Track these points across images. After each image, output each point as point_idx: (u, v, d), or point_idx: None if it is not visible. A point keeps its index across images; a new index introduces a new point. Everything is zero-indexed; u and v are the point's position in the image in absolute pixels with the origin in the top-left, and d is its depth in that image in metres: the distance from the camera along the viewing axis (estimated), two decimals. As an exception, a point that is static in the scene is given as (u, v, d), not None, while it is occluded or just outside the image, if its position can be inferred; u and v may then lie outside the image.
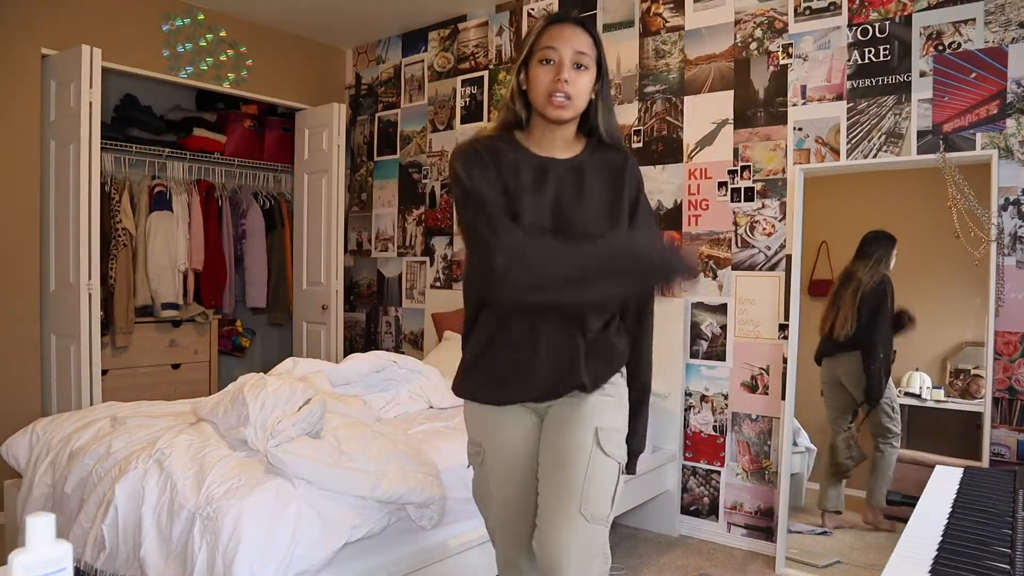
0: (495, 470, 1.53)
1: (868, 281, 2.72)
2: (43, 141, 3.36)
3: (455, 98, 4.12)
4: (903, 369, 2.70)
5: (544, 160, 1.48)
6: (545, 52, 1.43)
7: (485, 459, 1.55)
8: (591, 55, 1.45)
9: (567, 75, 1.41)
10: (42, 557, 0.74)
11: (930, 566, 1.00)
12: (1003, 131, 2.50)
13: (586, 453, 1.42)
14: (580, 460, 1.42)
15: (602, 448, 1.42)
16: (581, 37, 1.44)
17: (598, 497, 1.41)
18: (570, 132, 1.51)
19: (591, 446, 1.42)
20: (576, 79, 1.42)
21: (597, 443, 1.42)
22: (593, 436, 1.43)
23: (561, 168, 1.48)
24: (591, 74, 1.46)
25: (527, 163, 1.47)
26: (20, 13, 3.28)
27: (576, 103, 1.44)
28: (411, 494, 1.92)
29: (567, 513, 1.39)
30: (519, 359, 1.45)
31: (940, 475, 1.55)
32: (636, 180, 1.53)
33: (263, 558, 1.64)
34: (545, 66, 1.43)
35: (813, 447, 2.93)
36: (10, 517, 2.48)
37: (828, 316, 2.84)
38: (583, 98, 1.45)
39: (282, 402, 1.96)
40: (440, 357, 3.47)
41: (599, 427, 1.44)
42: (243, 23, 4.09)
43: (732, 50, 3.11)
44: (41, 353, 3.37)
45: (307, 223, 4.37)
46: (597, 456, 1.42)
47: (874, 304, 2.70)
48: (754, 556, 2.95)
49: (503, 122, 1.53)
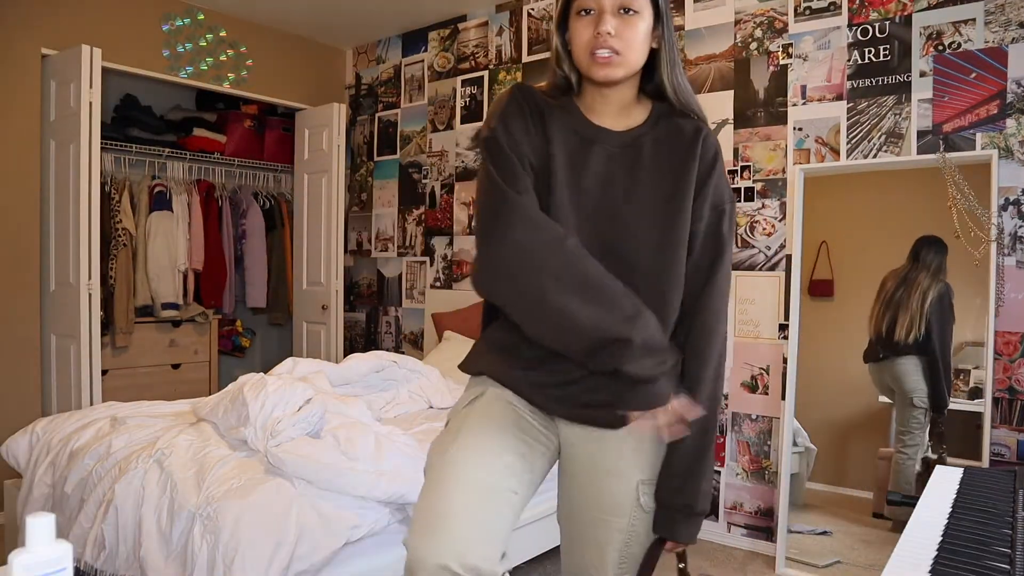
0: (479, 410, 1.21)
1: (934, 288, 2.69)
2: (43, 141, 3.36)
3: (455, 98, 4.12)
4: (903, 369, 2.70)
5: (595, 131, 1.22)
6: (581, 2, 1.18)
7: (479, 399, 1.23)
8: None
9: (610, 26, 1.14)
10: (42, 557, 0.74)
11: (930, 566, 1.00)
12: (1003, 131, 2.50)
13: (626, 511, 1.19)
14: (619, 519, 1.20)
15: (643, 506, 1.19)
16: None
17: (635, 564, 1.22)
18: (628, 96, 1.24)
19: (633, 502, 1.19)
20: (624, 28, 1.16)
21: (638, 500, 1.19)
22: (635, 490, 1.19)
23: (614, 143, 1.21)
24: (645, 19, 1.18)
25: (574, 131, 1.22)
26: (20, 13, 3.28)
27: (627, 57, 1.17)
28: (411, 494, 1.93)
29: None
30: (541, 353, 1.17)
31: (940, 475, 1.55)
32: (708, 164, 1.21)
33: (263, 558, 1.64)
34: (584, 17, 1.17)
35: (813, 447, 2.93)
36: (10, 517, 2.48)
37: (882, 318, 2.79)
38: (636, 51, 1.18)
39: (282, 402, 1.97)
40: (440, 357, 3.47)
41: (642, 480, 1.19)
42: (243, 23, 4.09)
43: (732, 50, 3.11)
44: (41, 353, 3.37)
45: (307, 223, 4.37)
46: (638, 515, 1.20)
47: (940, 312, 2.68)
48: (754, 556, 2.95)
49: (551, 85, 1.28)
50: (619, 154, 1.21)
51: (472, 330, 3.59)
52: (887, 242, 2.76)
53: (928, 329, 2.68)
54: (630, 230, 1.17)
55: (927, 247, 2.70)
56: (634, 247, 1.17)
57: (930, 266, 2.68)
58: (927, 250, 2.71)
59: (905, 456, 2.68)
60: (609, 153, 1.21)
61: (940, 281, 2.66)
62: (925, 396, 2.66)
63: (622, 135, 1.22)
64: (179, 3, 3.81)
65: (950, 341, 2.64)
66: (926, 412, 2.65)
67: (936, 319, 2.67)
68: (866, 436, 2.79)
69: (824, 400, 2.94)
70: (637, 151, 1.21)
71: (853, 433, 2.82)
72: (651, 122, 1.24)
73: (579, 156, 1.20)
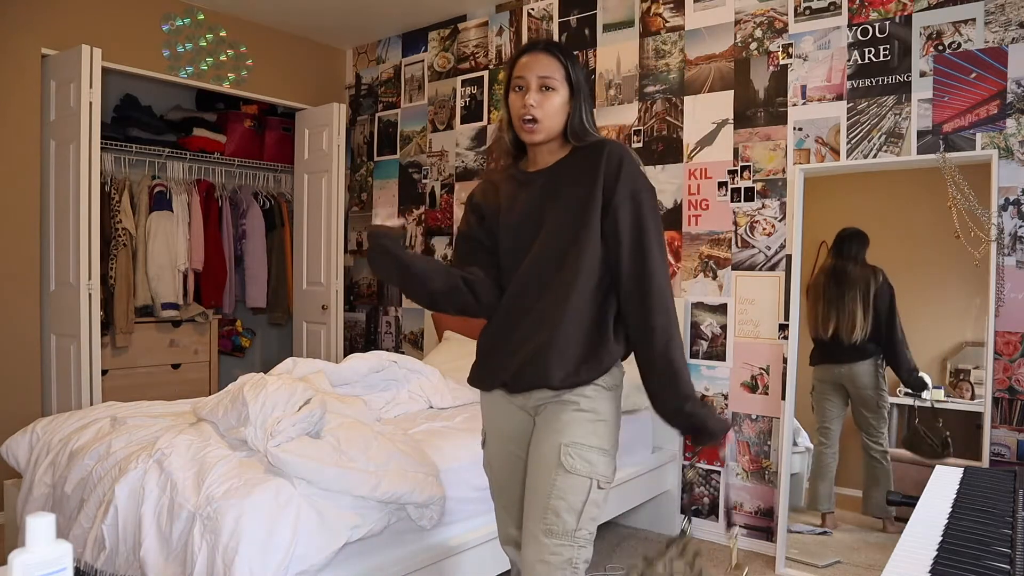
0: (490, 453, 1.67)
1: (874, 282, 2.71)
2: (43, 141, 3.36)
3: (455, 98, 4.12)
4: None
5: (529, 175, 1.60)
6: (516, 81, 1.55)
7: (487, 442, 1.68)
8: (559, 76, 1.52)
9: (533, 99, 1.50)
10: (42, 557, 0.74)
11: (930, 566, 1.00)
12: (1003, 131, 2.50)
13: (550, 470, 1.47)
14: (544, 477, 1.47)
15: (564, 465, 1.45)
16: (545, 60, 1.52)
17: (561, 514, 1.45)
18: (555, 145, 1.58)
19: (555, 463, 1.46)
20: (544, 101, 1.51)
21: (559, 460, 1.46)
22: (557, 452, 1.46)
23: (543, 176, 1.57)
24: (561, 94, 1.53)
25: (512, 183, 1.61)
26: (20, 13, 3.28)
27: (545, 123, 1.52)
28: (411, 494, 1.92)
29: (531, 531, 1.48)
30: (495, 343, 1.58)
31: (940, 475, 1.55)
32: (614, 166, 1.50)
33: (263, 558, 1.64)
34: (517, 92, 1.54)
35: (813, 447, 2.93)
36: (10, 517, 2.48)
37: (827, 318, 2.82)
38: (553, 117, 1.53)
39: (282, 402, 1.96)
40: (440, 357, 3.47)
41: (563, 443, 1.47)
42: (243, 23, 4.09)
43: (732, 50, 3.11)
44: (41, 353, 3.38)
45: (307, 223, 4.37)
46: (560, 473, 1.46)
47: (888, 305, 2.69)
48: (754, 556, 2.95)
49: (502, 153, 1.66)
50: (548, 181, 1.56)
51: (472, 330, 3.59)
52: (887, 242, 2.76)
53: (877, 324, 2.70)
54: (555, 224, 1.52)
55: (851, 239, 2.77)
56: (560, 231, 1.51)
57: (857, 257, 2.71)
58: (850, 242, 2.76)
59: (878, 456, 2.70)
60: (540, 183, 1.56)
61: (879, 272, 2.68)
62: (885, 394, 2.70)
63: (549, 168, 1.58)
64: (179, 3, 3.81)
65: (898, 326, 2.68)
66: (889, 411, 2.69)
67: (883, 311, 2.70)
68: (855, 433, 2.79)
69: (824, 400, 2.93)
70: (557, 177, 1.55)
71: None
72: (570, 155, 1.57)
73: (512, 195, 1.60)
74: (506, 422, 1.62)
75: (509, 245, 1.59)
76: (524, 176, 1.61)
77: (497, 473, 1.67)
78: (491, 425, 1.67)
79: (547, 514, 1.46)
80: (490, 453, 1.68)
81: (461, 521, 2.16)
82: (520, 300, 1.55)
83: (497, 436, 1.65)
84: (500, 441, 1.64)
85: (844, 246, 2.80)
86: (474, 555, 2.18)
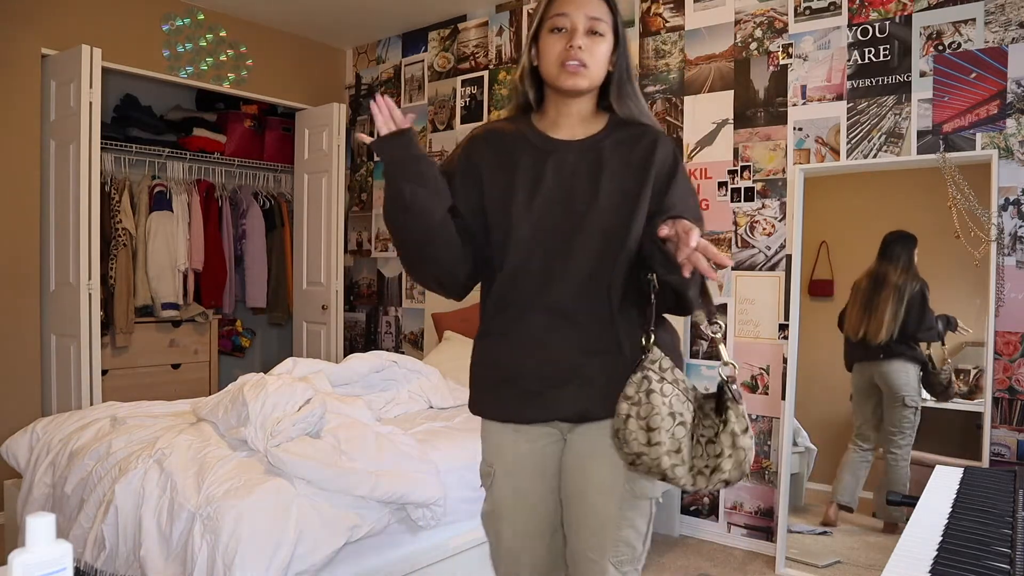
0: (503, 493, 1.36)
1: (909, 286, 2.69)
2: (43, 141, 3.36)
3: (455, 98, 4.12)
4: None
5: (554, 144, 1.33)
6: (556, 20, 1.29)
7: (496, 481, 1.37)
8: (607, 21, 1.30)
9: (581, 41, 1.26)
10: (42, 557, 0.74)
11: (930, 566, 1.00)
12: (1003, 131, 2.50)
13: (616, 497, 1.27)
14: (609, 505, 1.28)
15: (633, 491, 1.28)
16: (595, 1, 1.29)
17: (632, 543, 1.30)
18: (587, 108, 1.35)
19: (621, 488, 1.27)
20: (592, 46, 1.28)
21: (625, 485, 1.27)
22: (622, 476, 1.27)
23: (575, 150, 1.32)
24: (608, 42, 1.30)
25: (529, 150, 1.33)
26: (20, 13, 3.28)
27: (593, 71, 1.29)
28: (411, 494, 1.93)
29: (596, 566, 1.29)
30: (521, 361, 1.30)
31: (940, 475, 1.55)
32: (668, 161, 1.31)
33: (263, 558, 1.64)
34: (556, 34, 1.29)
35: (813, 447, 2.93)
36: (10, 517, 2.48)
37: (860, 320, 2.79)
38: (600, 67, 1.30)
39: (282, 402, 1.96)
40: (440, 357, 3.47)
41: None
42: (243, 23, 4.08)
43: (732, 50, 3.11)
44: (41, 353, 3.37)
45: (307, 223, 4.37)
46: (627, 499, 1.28)
47: (920, 309, 2.68)
48: (754, 556, 2.95)
49: (514, 107, 1.42)
50: (582, 158, 1.32)
51: (472, 330, 3.58)
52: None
53: (906, 325, 2.68)
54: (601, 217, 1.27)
55: (896, 242, 2.71)
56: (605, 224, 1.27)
57: (899, 260, 2.69)
58: (894, 245, 2.72)
59: (897, 456, 2.68)
60: (571, 160, 1.31)
61: (915, 278, 2.67)
62: (916, 395, 2.67)
63: (583, 142, 1.34)
64: (179, 3, 3.81)
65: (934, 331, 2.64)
66: (916, 411, 2.65)
67: (916, 316, 2.68)
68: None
69: (824, 400, 2.94)
70: (598, 154, 1.32)
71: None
72: (610, 129, 1.35)
73: (535, 175, 1.31)
74: (529, 447, 1.33)
75: (526, 235, 1.28)
76: (546, 143, 1.33)
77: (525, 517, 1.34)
78: (505, 455, 1.35)
79: (619, 546, 1.29)
80: (502, 493, 1.35)
81: (461, 521, 2.16)
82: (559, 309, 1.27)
83: (517, 469, 1.34)
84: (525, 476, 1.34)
85: (887, 249, 2.75)
86: (474, 555, 2.18)
